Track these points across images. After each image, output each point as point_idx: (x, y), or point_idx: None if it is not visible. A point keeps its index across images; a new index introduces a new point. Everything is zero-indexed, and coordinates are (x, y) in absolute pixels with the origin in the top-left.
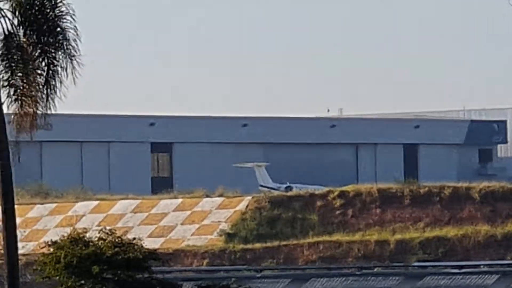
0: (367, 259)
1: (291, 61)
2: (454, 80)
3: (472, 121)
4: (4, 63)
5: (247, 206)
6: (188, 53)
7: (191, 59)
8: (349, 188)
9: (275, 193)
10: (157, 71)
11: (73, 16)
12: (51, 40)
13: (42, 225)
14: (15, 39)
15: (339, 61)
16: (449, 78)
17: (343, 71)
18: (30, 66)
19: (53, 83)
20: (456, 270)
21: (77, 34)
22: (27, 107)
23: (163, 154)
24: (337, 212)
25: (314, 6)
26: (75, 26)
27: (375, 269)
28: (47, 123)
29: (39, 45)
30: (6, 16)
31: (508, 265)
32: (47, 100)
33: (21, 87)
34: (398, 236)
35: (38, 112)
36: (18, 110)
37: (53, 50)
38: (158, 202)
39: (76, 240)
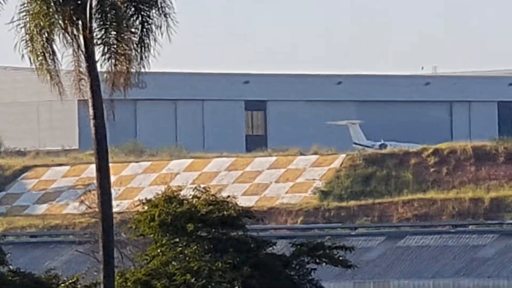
0: (461, 217)
1: (383, 20)
2: None
3: None
4: (98, 21)
5: (341, 164)
6: (283, 13)
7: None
8: (443, 145)
9: (369, 151)
10: (250, 30)
11: None
12: None
13: (136, 183)
14: None
15: (433, 19)
16: None
17: (436, 30)
18: (124, 25)
19: (147, 41)
20: None
21: None
22: (120, 65)
23: (257, 112)
24: (431, 170)
25: None
26: None
27: (470, 227)
28: (141, 81)
29: (133, 3)
30: None
31: None
32: (140, 58)
33: (115, 46)
34: (493, 194)
35: (132, 70)
36: (112, 68)
37: (147, 8)
38: (252, 160)
39: (171, 198)
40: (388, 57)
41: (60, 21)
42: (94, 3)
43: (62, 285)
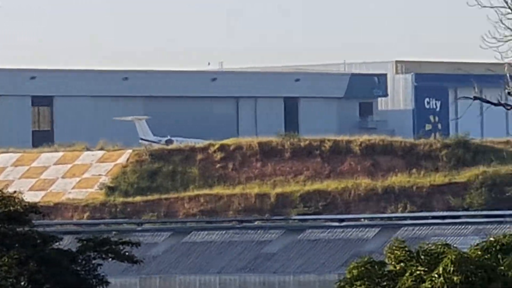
0: (247, 212)
1: (168, 17)
2: (335, 33)
3: (352, 74)
4: None
5: (127, 160)
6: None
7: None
8: (229, 141)
9: (156, 146)
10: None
11: None
12: None
13: None
14: None
15: (220, 15)
16: (330, 32)
17: (224, 25)
18: None
19: None
20: (337, 224)
21: None
22: None
23: (43, 108)
24: (218, 165)
25: None
26: None
27: (256, 222)
28: None
29: None
30: None
31: (389, 218)
32: None
33: None
34: (279, 190)
35: None
36: None
37: None
38: (39, 155)
39: None
40: (175, 53)
41: None
42: None
43: None
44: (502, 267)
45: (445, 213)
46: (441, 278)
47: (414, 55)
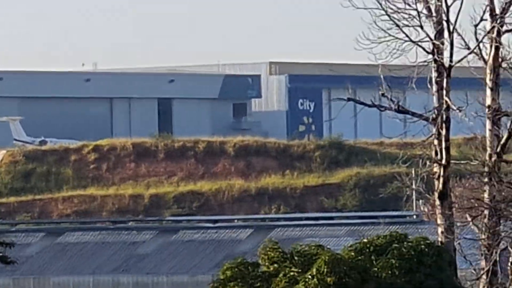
0: (121, 213)
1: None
2: (209, 34)
3: (226, 75)
4: None
5: (1, 160)
6: None
7: None
8: (103, 142)
9: (30, 147)
10: None
11: None
12: None
13: None
14: None
15: (96, 16)
16: (204, 33)
17: (99, 26)
18: None
19: None
20: (210, 225)
21: None
22: None
23: None
24: (92, 166)
25: None
26: None
27: (129, 223)
28: None
29: None
30: None
31: (262, 219)
32: None
33: None
34: (153, 191)
35: None
36: None
37: None
38: None
39: None
40: (49, 53)
41: None
42: None
43: None
44: (376, 268)
45: (318, 214)
46: (315, 279)
47: (288, 56)
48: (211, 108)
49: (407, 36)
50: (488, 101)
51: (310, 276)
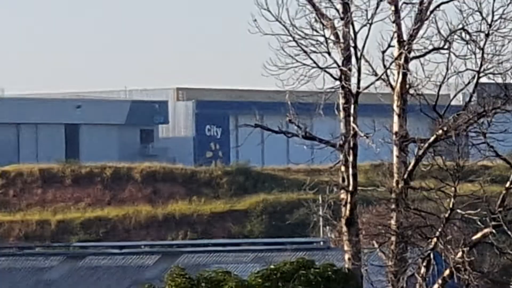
0: (28, 239)
1: None
2: (116, 60)
3: (133, 101)
4: None
5: None
6: None
7: None
8: (10, 168)
9: None
10: None
11: None
12: None
13: None
14: None
15: (1, 40)
16: (112, 59)
17: (5, 49)
18: None
19: None
20: (117, 251)
21: None
22: None
23: None
24: None
25: None
26: None
27: (36, 249)
28: None
29: None
30: None
31: (169, 245)
32: None
33: None
34: (60, 216)
35: None
36: None
37: None
38: None
39: None
40: None
41: None
42: None
43: None
44: None
45: (225, 241)
46: None
47: (195, 82)
48: (118, 134)
49: (314, 62)
50: (395, 128)
51: None
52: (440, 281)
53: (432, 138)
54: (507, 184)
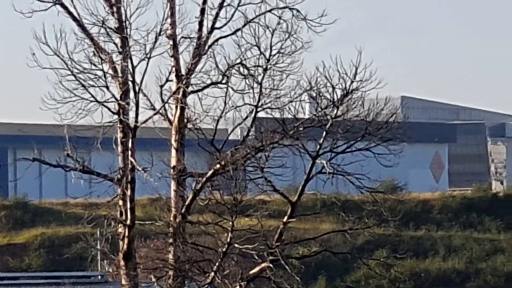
0: None
1: None
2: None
3: None
4: None
5: None
6: None
7: None
8: None
9: None
10: None
11: None
12: None
13: None
14: None
15: None
16: None
17: None
18: None
19: None
20: None
21: None
22: None
23: None
24: None
25: None
26: None
27: None
28: None
29: None
30: None
31: None
32: None
33: None
34: None
35: None
36: None
37: None
38: None
39: None
40: None
41: None
42: None
43: None
44: None
45: (4, 274)
46: None
47: None
48: None
49: (93, 96)
50: (173, 162)
51: None
52: None
53: (209, 172)
54: (285, 219)
